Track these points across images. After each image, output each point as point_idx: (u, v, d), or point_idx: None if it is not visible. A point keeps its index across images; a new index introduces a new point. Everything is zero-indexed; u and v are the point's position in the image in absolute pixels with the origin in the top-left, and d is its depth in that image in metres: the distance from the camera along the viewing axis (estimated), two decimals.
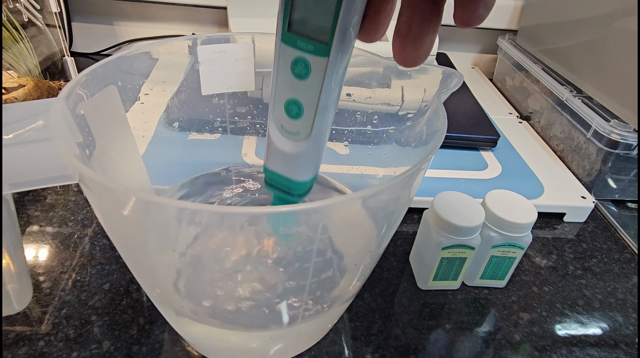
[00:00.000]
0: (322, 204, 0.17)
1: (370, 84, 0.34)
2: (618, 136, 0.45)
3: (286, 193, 0.24)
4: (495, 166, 0.50)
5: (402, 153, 0.32)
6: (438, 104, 0.26)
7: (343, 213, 0.21)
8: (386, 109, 0.34)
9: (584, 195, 0.47)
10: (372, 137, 0.36)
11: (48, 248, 0.37)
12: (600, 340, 0.34)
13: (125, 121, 0.29)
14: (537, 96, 0.61)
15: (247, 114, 0.39)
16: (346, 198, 0.19)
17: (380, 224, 0.24)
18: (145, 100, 0.32)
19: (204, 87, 0.35)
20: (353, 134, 0.38)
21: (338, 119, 0.38)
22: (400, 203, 0.24)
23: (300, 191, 0.24)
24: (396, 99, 0.32)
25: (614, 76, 0.48)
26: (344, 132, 0.38)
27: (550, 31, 0.62)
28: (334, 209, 0.19)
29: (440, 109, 0.25)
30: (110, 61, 0.27)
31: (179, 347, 0.30)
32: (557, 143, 0.55)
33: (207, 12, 0.75)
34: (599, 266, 0.41)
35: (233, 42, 0.33)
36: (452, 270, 0.35)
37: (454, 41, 0.80)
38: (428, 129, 0.27)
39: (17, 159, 0.19)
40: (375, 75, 0.33)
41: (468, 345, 0.32)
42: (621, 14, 0.48)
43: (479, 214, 0.32)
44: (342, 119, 0.37)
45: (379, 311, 0.34)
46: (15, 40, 0.51)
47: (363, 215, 0.21)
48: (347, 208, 0.20)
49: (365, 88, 0.35)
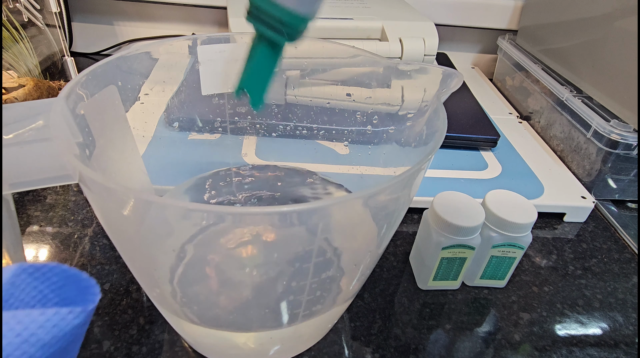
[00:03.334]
0: (322, 205, 0.17)
1: (370, 84, 0.34)
2: (618, 136, 0.45)
3: (275, 30, 0.20)
4: (495, 166, 0.50)
5: (402, 152, 0.32)
6: (438, 104, 0.26)
7: (343, 213, 0.21)
8: (386, 109, 0.34)
9: (584, 195, 0.47)
10: (372, 137, 0.36)
11: (48, 248, 0.37)
12: (600, 340, 0.34)
13: (125, 121, 0.29)
14: (537, 96, 0.61)
15: (247, 114, 0.39)
16: (346, 198, 0.19)
17: (380, 224, 0.24)
18: (145, 100, 0.32)
19: (204, 88, 0.35)
20: (353, 134, 0.38)
21: (338, 119, 0.38)
22: (400, 203, 0.24)
23: (293, 28, 0.20)
24: (396, 99, 0.32)
25: (614, 76, 0.48)
26: (344, 132, 0.38)
27: (550, 31, 0.62)
28: (334, 210, 0.19)
29: (440, 109, 0.25)
30: (110, 60, 0.27)
31: (179, 347, 0.30)
32: (557, 143, 0.55)
33: (207, 12, 0.75)
34: (599, 266, 0.41)
35: (233, 42, 0.33)
36: (452, 270, 0.35)
37: (454, 41, 0.80)
38: (428, 129, 0.27)
39: (17, 159, 0.19)
40: (375, 75, 0.33)
41: (468, 345, 0.32)
42: (621, 14, 0.48)
43: (479, 214, 0.32)
44: (343, 119, 0.37)
45: (379, 311, 0.34)
46: (15, 40, 0.51)
47: (363, 215, 0.21)
48: (347, 208, 0.20)
49: (365, 88, 0.35)
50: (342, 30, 0.49)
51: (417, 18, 0.53)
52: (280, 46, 0.21)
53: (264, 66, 0.22)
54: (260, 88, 0.22)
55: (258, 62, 0.22)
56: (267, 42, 0.21)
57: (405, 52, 0.47)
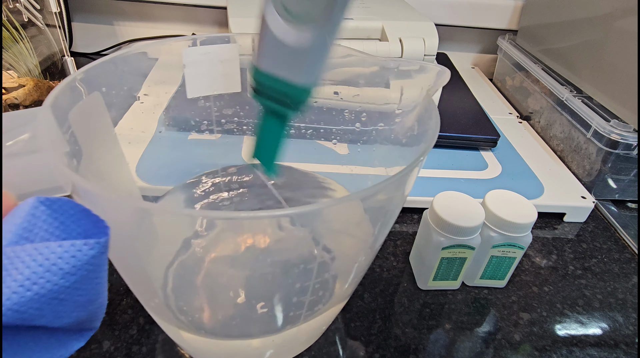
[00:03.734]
0: (317, 208, 0.17)
1: (358, 82, 0.34)
2: (618, 136, 0.45)
3: (281, 103, 0.20)
4: (495, 166, 0.50)
5: (398, 151, 0.32)
6: (429, 101, 0.25)
7: (339, 214, 0.21)
8: (382, 109, 0.34)
9: (584, 195, 0.46)
10: (361, 135, 0.36)
11: None
12: (600, 340, 0.34)
13: (111, 127, 0.29)
14: (537, 96, 0.61)
15: (247, 115, 0.39)
16: (340, 200, 0.18)
17: (374, 223, 0.24)
18: (145, 100, 0.32)
19: (190, 91, 0.34)
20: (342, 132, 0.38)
21: (335, 120, 0.38)
22: (394, 203, 0.24)
23: (299, 99, 0.20)
24: (394, 98, 0.32)
25: (614, 76, 0.48)
26: (332, 131, 0.38)
27: (550, 31, 0.62)
28: (330, 212, 0.19)
29: (431, 106, 0.25)
30: (108, 60, 0.26)
31: (178, 347, 0.30)
32: (557, 143, 0.55)
33: (207, 12, 0.75)
34: (599, 266, 0.41)
35: (218, 44, 0.33)
36: (452, 270, 0.35)
37: (454, 41, 0.80)
38: (420, 126, 0.27)
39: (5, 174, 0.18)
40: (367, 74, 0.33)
41: (468, 345, 0.32)
42: (621, 14, 0.48)
43: (479, 214, 0.32)
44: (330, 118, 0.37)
45: (379, 311, 0.34)
46: (15, 40, 0.51)
47: (358, 216, 0.21)
48: (343, 209, 0.20)
49: (354, 87, 0.34)
50: (342, 30, 0.49)
51: (417, 18, 0.53)
52: (287, 116, 0.22)
53: (273, 137, 0.22)
54: (271, 157, 0.23)
55: (268, 134, 0.22)
56: (274, 115, 0.21)
57: (405, 52, 0.47)
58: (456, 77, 0.66)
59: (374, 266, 0.38)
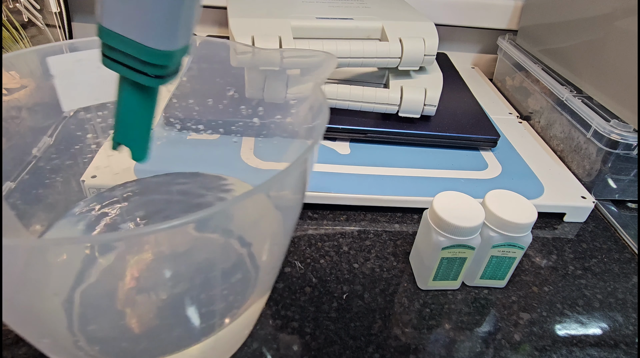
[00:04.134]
0: (224, 207, 0.15)
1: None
2: (618, 136, 0.45)
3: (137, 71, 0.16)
4: (495, 166, 0.50)
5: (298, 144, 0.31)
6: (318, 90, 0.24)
7: (248, 210, 0.18)
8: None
9: (584, 195, 0.47)
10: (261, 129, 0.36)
11: None
12: (600, 340, 0.34)
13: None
14: (537, 96, 0.61)
15: (246, 115, 0.39)
16: (246, 195, 0.16)
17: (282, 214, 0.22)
18: None
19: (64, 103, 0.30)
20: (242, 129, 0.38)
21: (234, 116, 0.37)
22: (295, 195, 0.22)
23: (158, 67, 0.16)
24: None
25: (614, 76, 0.48)
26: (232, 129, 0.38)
27: (550, 31, 0.62)
28: (239, 209, 0.17)
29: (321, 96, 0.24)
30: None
31: None
32: (557, 143, 0.55)
33: (207, 12, 0.75)
34: (599, 266, 0.41)
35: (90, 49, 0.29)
36: (452, 270, 0.35)
37: (454, 41, 0.80)
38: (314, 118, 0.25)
39: None
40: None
41: (468, 345, 0.32)
42: (621, 14, 0.48)
43: (479, 214, 0.32)
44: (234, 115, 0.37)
45: (379, 311, 0.34)
46: (15, 40, 0.51)
47: (267, 208, 0.19)
48: (252, 205, 0.18)
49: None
50: (342, 31, 0.49)
51: (417, 18, 0.53)
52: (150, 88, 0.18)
53: (136, 114, 0.18)
54: (139, 138, 0.19)
55: (128, 111, 0.18)
56: (132, 86, 0.17)
57: (405, 52, 0.47)
58: (456, 77, 0.66)
59: (374, 266, 0.38)
